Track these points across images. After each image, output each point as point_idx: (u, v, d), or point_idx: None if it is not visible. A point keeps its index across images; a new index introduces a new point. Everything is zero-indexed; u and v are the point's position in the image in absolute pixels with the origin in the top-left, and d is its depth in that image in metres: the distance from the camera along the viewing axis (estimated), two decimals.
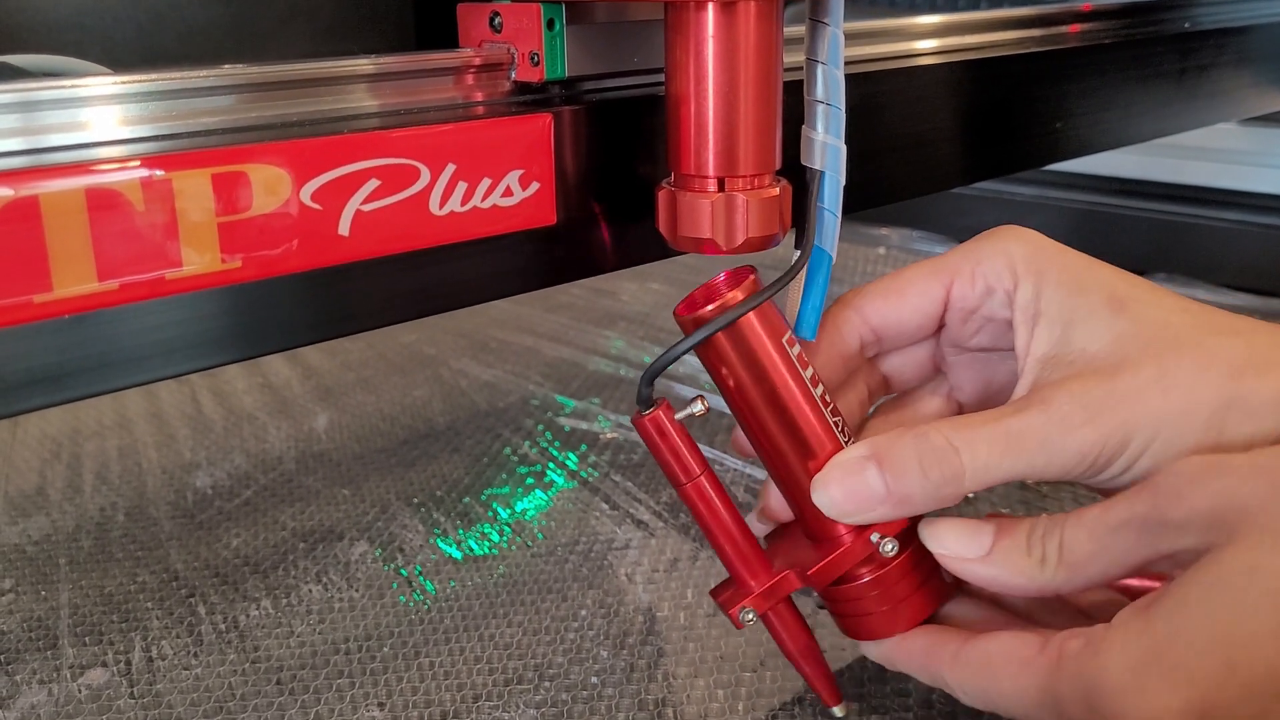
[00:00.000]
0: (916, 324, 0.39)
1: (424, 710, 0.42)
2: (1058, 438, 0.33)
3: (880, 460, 0.34)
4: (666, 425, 0.35)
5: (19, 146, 0.27)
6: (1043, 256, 0.36)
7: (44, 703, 0.43)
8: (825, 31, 0.33)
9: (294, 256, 0.29)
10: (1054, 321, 0.35)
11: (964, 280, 0.38)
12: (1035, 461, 0.33)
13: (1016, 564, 0.33)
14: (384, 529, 0.56)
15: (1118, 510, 0.32)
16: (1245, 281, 0.92)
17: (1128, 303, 0.35)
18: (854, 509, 0.34)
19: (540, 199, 0.33)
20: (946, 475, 0.33)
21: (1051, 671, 0.31)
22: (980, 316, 0.38)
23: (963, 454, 0.33)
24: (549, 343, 0.82)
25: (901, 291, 0.39)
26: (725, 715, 0.41)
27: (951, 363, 0.41)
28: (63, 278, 0.25)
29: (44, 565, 0.53)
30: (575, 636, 0.46)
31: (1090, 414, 0.33)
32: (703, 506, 0.36)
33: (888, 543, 0.36)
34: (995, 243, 0.37)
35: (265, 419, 0.70)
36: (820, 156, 0.34)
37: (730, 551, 0.37)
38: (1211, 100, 0.63)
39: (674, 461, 0.36)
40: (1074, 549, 0.32)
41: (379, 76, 0.32)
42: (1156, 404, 0.33)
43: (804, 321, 0.36)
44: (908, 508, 0.34)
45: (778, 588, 0.37)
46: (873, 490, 0.34)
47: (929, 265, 0.39)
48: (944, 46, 0.49)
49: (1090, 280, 0.36)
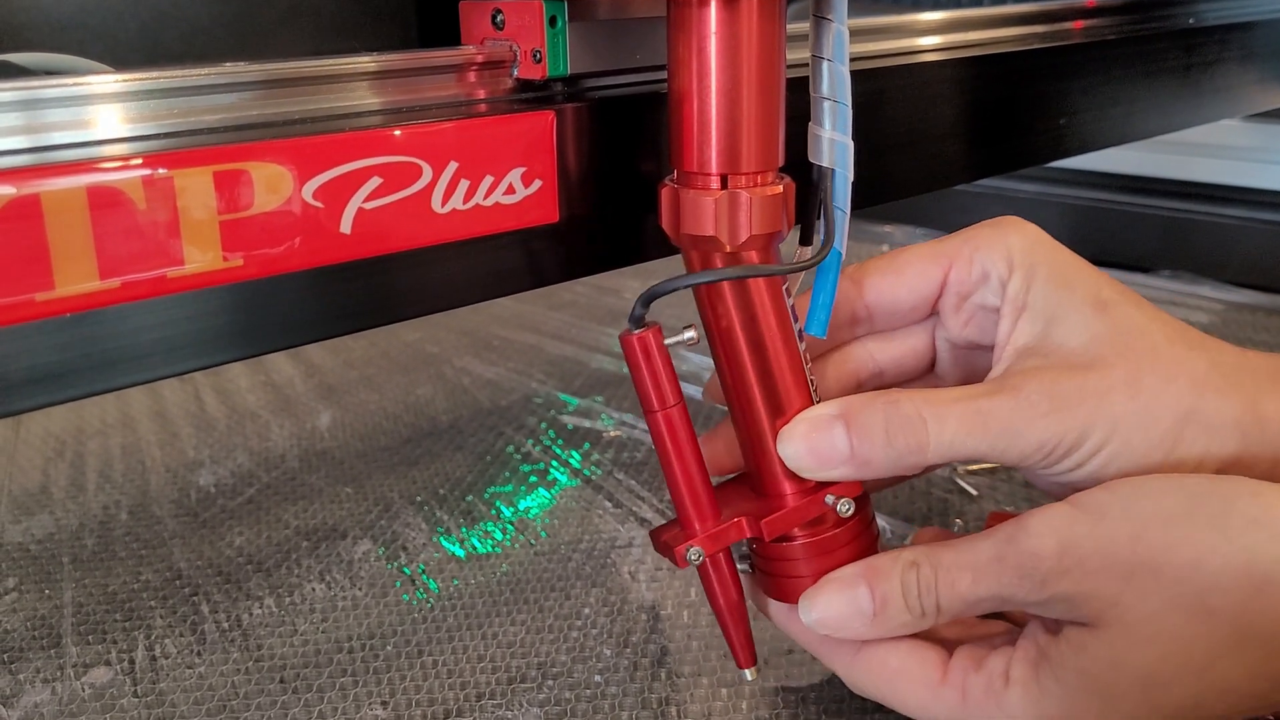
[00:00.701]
0: (911, 304, 0.39)
1: (427, 709, 0.42)
2: (1022, 424, 0.34)
3: (848, 420, 0.34)
4: (653, 348, 0.35)
5: (21, 145, 0.27)
6: (1038, 250, 0.37)
7: (47, 701, 0.43)
8: (830, 28, 0.33)
9: (296, 255, 0.29)
10: (1038, 315, 0.36)
11: (962, 264, 0.38)
12: (997, 444, 0.34)
13: (902, 624, 0.35)
14: (387, 527, 0.56)
15: (986, 584, 0.34)
16: (1250, 278, 0.92)
17: (1110, 306, 0.36)
18: (815, 464, 0.35)
19: (543, 197, 0.33)
20: (911, 445, 0.34)
21: (959, 705, 0.35)
22: (973, 304, 0.39)
23: (930, 426, 0.34)
24: (552, 341, 0.82)
25: (900, 270, 0.39)
26: (729, 714, 0.41)
27: (942, 359, 0.41)
28: (64, 276, 0.25)
29: (47, 564, 0.53)
30: (579, 635, 0.46)
31: (1055, 405, 0.34)
32: (669, 438, 0.35)
33: (844, 503, 0.36)
34: (995, 231, 0.38)
35: (268, 417, 0.70)
36: (829, 153, 0.34)
37: (686, 490, 0.36)
38: (1216, 96, 0.63)
39: (652, 386, 0.35)
40: (948, 609, 0.35)
41: (381, 74, 0.32)
42: (1120, 405, 0.34)
43: (814, 318, 0.36)
44: (868, 471, 0.35)
45: (726, 533, 0.37)
46: (837, 449, 0.34)
47: (929, 247, 0.39)
48: (948, 43, 0.49)
49: (1078, 279, 0.36)
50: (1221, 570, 0.31)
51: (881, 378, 0.41)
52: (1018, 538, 0.33)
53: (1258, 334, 0.83)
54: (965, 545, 0.35)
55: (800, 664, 0.44)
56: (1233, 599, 0.31)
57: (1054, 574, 0.32)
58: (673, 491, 0.37)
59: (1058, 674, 0.33)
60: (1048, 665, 0.33)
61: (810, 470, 0.35)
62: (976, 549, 0.34)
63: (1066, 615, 0.33)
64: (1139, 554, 0.32)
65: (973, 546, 0.34)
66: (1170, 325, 0.36)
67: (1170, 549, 0.31)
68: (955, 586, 0.34)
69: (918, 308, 0.39)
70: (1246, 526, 0.31)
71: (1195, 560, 0.31)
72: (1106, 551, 0.32)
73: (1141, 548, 0.32)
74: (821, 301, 0.36)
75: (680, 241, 0.35)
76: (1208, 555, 0.31)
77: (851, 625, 0.35)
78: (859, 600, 0.35)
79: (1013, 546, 0.33)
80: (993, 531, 0.34)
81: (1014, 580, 0.33)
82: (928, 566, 0.35)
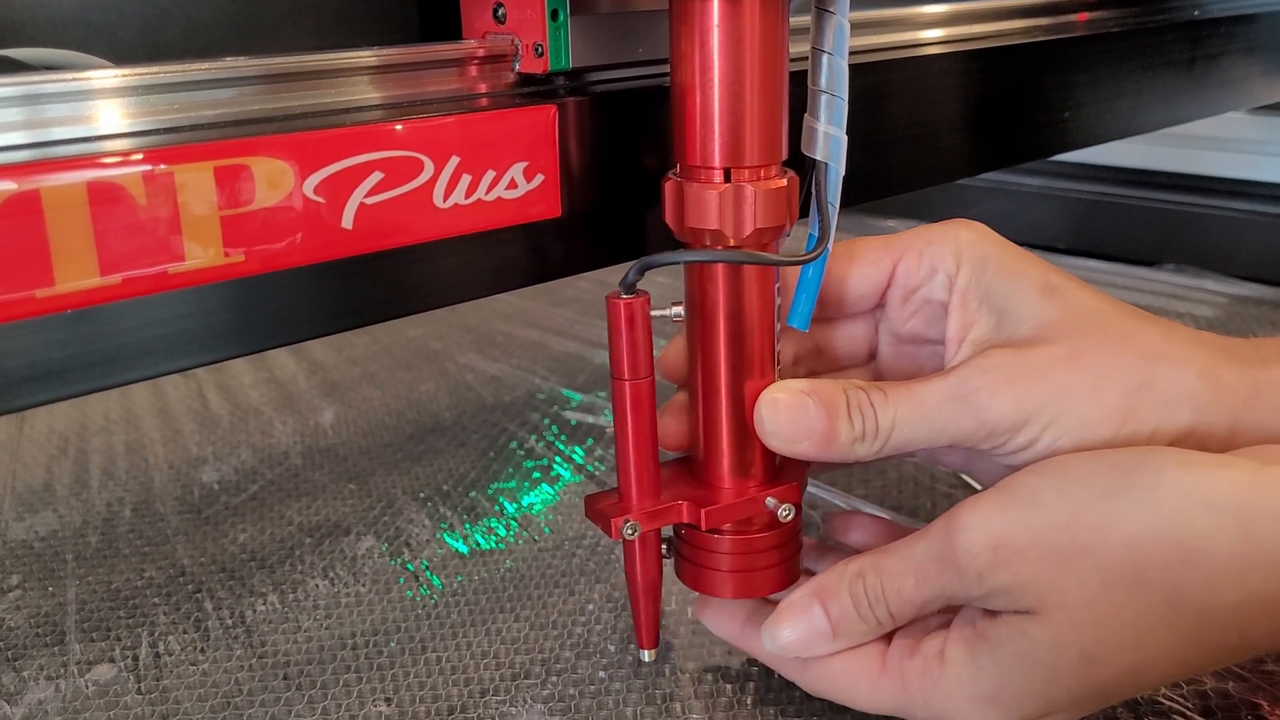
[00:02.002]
0: (859, 293, 0.40)
1: (431, 705, 0.42)
2: (960, 403, 0.34)
3: (817, 397, 0.35)
4: (639, 315, 0.35)
5: (22, 140, 0.27)
6: (985, 245, 0.37)
7: (51, 699, 0.43)
8: (831, 21, 0.33)
9: (297, 250, 0.28)
10: (987, 307, 0.36)
11: (912, 257, 0.38)
12: (935, 425, 0.35)
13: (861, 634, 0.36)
14: (390, 524, 0.56)
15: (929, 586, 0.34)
16: (1255, 272, 0.91)
17: (1057, 290, 0.36)
18: (791, 435, 0.36)
19: (545, 191, 0.33)
20: (869, 429, 0.35)
21: (899, 692, 0.36)
22: (919, 298, 0.39)
23: (879, 413, 0.35)
24: (555, 336, 0.82)
25: (852, 257, 0.39)
26: (733, 709, 0.41)
27: (884, 352, 0.41)
28: (65, 272, 0.25)
29: (51, 561, 0.53)
30: (583, 631, 0.46)
31: (995, 382, 0.34)
32: (631, 409, 0.35)
33: (785, 509, 0.37)
34: (947, 228, 0.38)
35: (271, 414, 0.70)
36: (822, 147, 0.34)
37: (635, 464, 0.36)
38: (1221, 89, 0.63)
39: (628, 354, 0.35)
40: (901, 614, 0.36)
41: (382, 68, 0.32)
42: (1064, 378, 0.34)
43: (797, 311, 0.37)
44: (828, 450, 0.35)
45: (664, 514, 0.37)
46: (811, 423, 0.35)
47: (882, 239, 0.39)
48: (950, 36, 0.49)
49: (1026, 269, 0.37)
50: (1156, 545, 0.31)
51: (819, 357, 0.42)
52: (950, 535, 0.34)
53: (1262, 328, 0.83)
54: (905, 549, 0.35)
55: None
56: (1166, 573, 0.31)
57: (990, 568, 0.33)
58: (620, 462, 0.37)
59: (995, 654, 0.33)
60: (985, 646, 0.34)
61: (784, 440, 0.36)
62: (914, 551, 0.35)
63: (1008, 606, 0.33)
64: (1076, 538, 0.32)
65: (911, 549, 0.35)
66: (1120, 305, 0.37)
67: (1106, 529, 0.32)
68: (902, 593, 0.35)
69: (865, 296, 0.40)
70: (1178, 498, 0.31)
71: (1131, 538, 0.31)
72: (1043, 540, 0.32)
73: (1079, 531, 0.32)
74: (806, 295, 0.36)
75: (684, 235, 0.34)
76: (1144, 532, 0.31)
77: (815, 646, 0.37)
78: (815, 622, 0.36)
79: (947, 545, 0.33)
80: (928, 531, 0.35)
81: (954, 580, 0.33)
82: (873, 575, 0.35)
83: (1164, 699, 0.41)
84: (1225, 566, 0.31)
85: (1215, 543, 0.31)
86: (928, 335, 0.39)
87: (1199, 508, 0.31)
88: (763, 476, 0.38)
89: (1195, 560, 0.31)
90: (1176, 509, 0.31)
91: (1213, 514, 0.31)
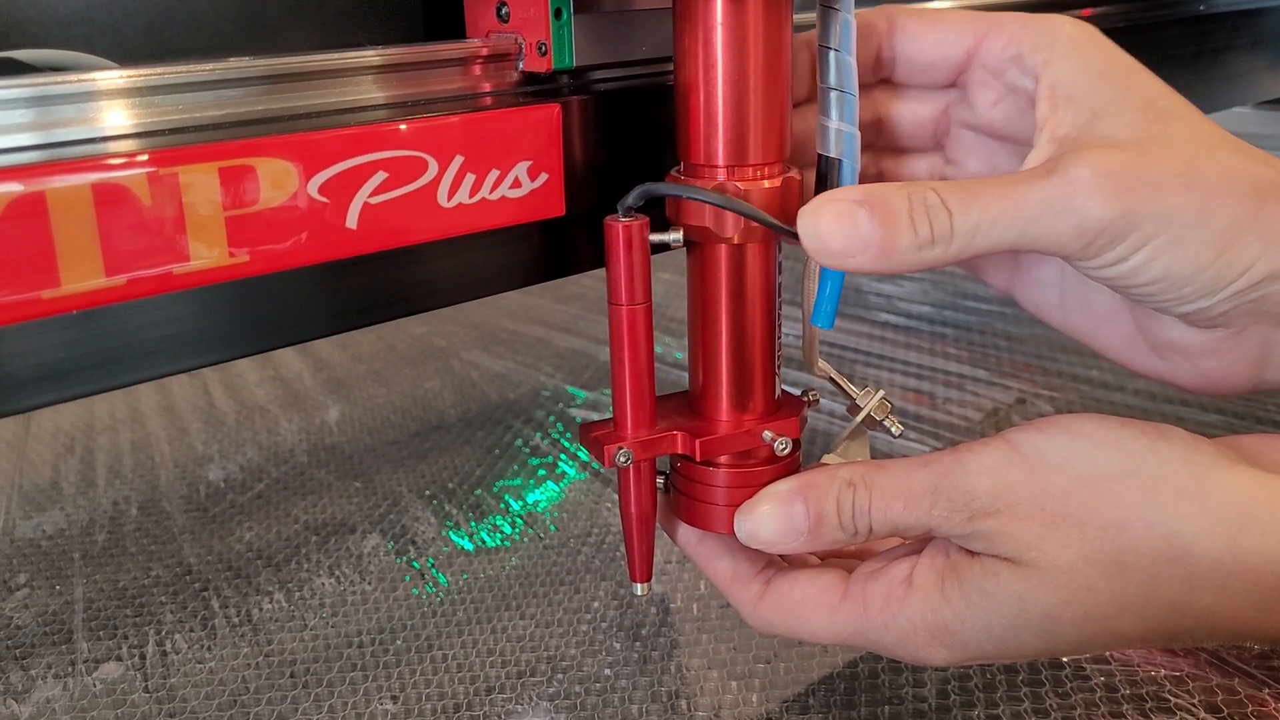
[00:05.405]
0: (931, 59, 0.36)
1: (437, 703, 0.42)
2: (1061, 204, 0.31)
3: (871, 206, 0.32)
4: (636, 239, 0.33)
5: (27, 142, 0.27)
6: (1093, 45, 0.34)
7: (59, 696, 0.43)
8: (837, 18, 0.33)
9: (302, 250, 0.28)
10: (1083, 108, 0.33)
11: (1000, 36, 0.35)
12: (1029, 230, 0.31)
13: (834, 541, 0.35)
14: (396, 521, 0.56)
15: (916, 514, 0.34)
16: None
17: (1166, 111, 0.33)
18: (840, 246, 0.32)
19: (549, 190, 0.33)
20: (937, 233, 0.31)
21: (860, 615, 0.35)
22: (1002, 85, 0.36)
23: (955, 215, 0.31)
24: (560, 334, 0.82)
25: (935, 21, 0.36)
26: (739, 707, 0.41)
27: (956, 139, 0.38)
28: (70, 273, 0.25)
29: (58, 560, 0.53)
30: (588, 628, 0.46)
31: (1103, 186, 0.31)
32: (628, 335, 0.35)
33: (782, 442, 0.36)
34: (1049, 18, 0.35)
35: (277, 412, 0.70)
36: (836, 144, 0.34)
37: (631, 391, 0.35)
38: (1227, 84, 0.62)
39: (625, 278, 0.34)
40: (879, 532, 0.35)
41: (386, 68, 0.32)
42: (1175, 198, 0.31)
43: (820, 310, 0.36)
44: (887, 261, 0.32)
45: (659, 443, 0.36)
46: (861, 233, 0.31)
47: (973, 12, 0.36)
48: None
49: (1134, 81, 0.33)
50: (1143, 537, 0.31)
51: (879, 131, 0.38)
52: (955, 472, 0.33)
53: None
54: (901, 472, 0.34)
55: (810, 656, 0.44)
56: (1147, 564, 0.31)
57: (983, 513, 0.33)
58: (616, 390, 0.36)
59: (963, 589, 0.33)
60: (955, 578, 0.34)
61: (834, 254, 0.32)
62: (912, 477, 0.34)
63: (988, 550, 0.33)
64: (1069, 507, 0.32)
65: (909, 474, 0.34)
66: (1234, 139, 0.33)
67: (1099, 507, 0.32)
68: (887, 512, 0.34)
69: (938, 66, 0.36)
70: (1174, 498, 0.31)
71: (1120, 522, 0.32)
72: (1038, 501, 0.32)
73: (1072, 502, 0.32)
74: (829, 293, 0.36)
75: (688, 233, 0.34)
76: (1134, 520, 0.31)
77: (785, 541, 0.35)
78: (794, 517, 0.35)
79: (948, 481, 0.33)
80: (930, 460, 0.34)
81: (944, 514, 0.33)
82: (863, 489, 0.34)
83: (1169, 695, 0.41)
84: (1207, 571, 0.31)
85: (1202, 546, 0.31)
86: (1007, 131, 0.36)
87: (1193, 509, 0.31)
88: (761, 410, 0.37)
89: (1179, 559, 0.31)
90: (1172, 508, 0.31)
91: (1206, 518, 0.31)
